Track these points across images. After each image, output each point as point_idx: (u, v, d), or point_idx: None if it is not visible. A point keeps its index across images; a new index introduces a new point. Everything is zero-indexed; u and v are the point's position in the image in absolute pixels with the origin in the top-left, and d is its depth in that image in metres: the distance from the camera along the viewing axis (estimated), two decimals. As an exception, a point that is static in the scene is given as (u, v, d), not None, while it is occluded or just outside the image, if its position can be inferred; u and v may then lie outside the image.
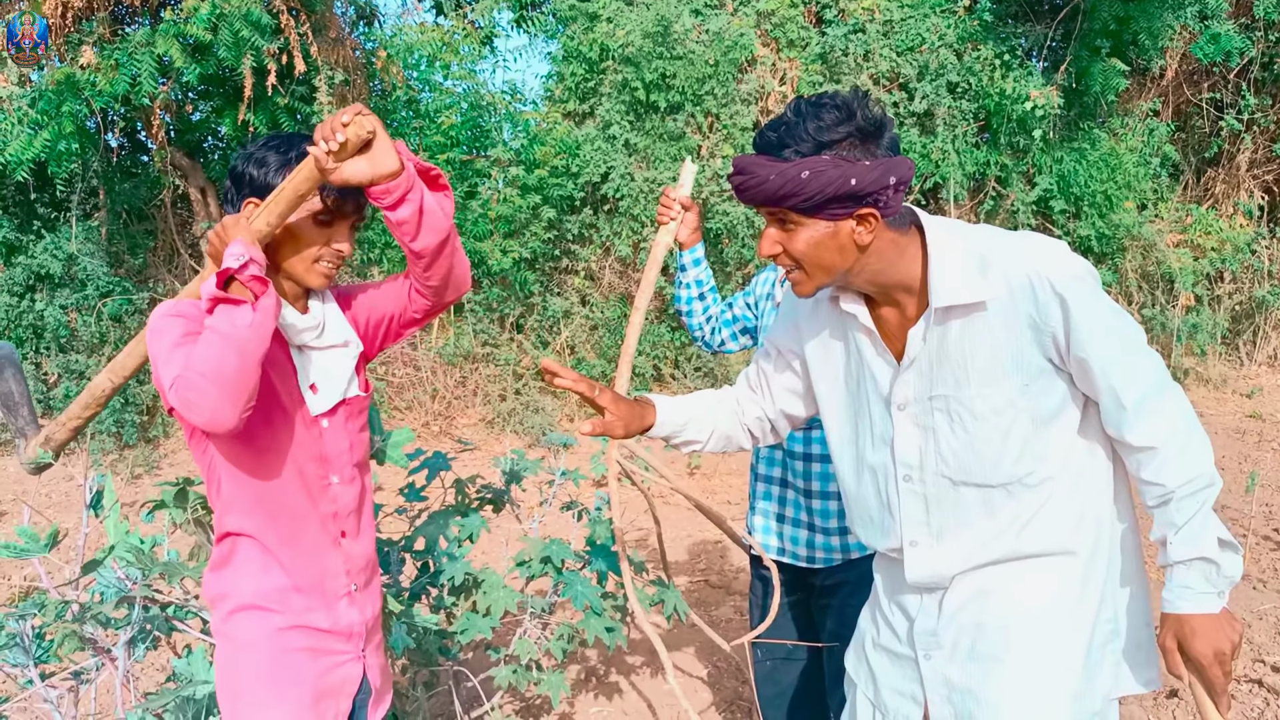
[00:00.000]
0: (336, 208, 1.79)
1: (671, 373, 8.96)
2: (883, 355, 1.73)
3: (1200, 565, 1.57)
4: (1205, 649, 1.55)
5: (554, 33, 9.68)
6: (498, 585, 2.64)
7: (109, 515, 2.18)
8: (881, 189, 1.54)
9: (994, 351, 1.62)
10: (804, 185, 1.53)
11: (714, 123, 8.84)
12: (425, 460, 2.77)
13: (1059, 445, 1.67)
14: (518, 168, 8.47)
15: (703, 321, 2.91)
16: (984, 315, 1.62)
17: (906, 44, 8.97)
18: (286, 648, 1.88)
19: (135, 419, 7.64)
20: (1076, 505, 1.69)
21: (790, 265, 1.67)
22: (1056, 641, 1.70)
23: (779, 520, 2.68)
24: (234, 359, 1.58)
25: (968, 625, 1.74)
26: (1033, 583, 1.71)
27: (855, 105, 1.55)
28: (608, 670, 3.95)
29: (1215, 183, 10.51)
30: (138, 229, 8.47)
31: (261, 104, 7.64)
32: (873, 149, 1.56)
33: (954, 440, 1.67)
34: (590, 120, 8.91)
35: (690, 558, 5.44)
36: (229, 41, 6.97)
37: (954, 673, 1.75)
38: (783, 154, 1.56)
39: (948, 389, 1.66)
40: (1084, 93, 9.15)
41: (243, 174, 1.80)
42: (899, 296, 1.69)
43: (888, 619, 1.88)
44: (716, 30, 8.53)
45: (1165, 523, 1.60)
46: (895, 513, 1.77)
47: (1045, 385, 1.64)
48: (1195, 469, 1.58)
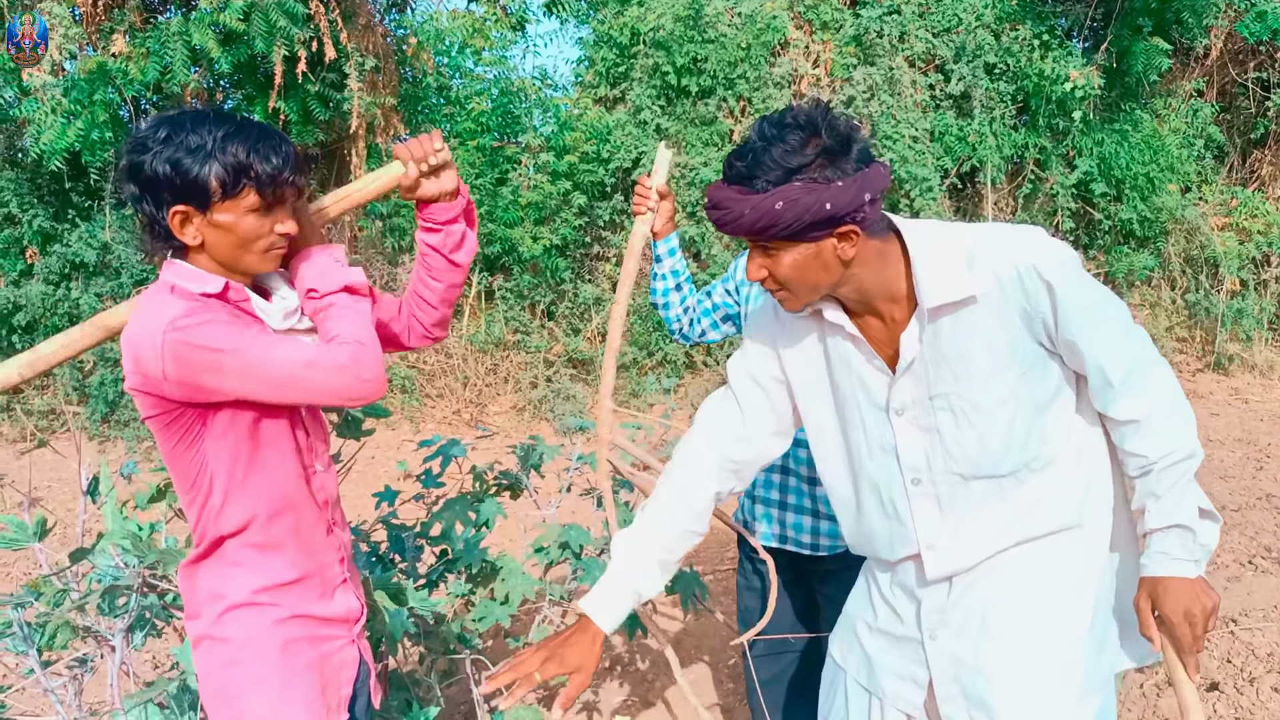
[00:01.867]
0: (275, 198, 1.67)
1: (704, 360, 8.90)
2: (872, 362, 1.70)
3: (1177, 532, 1.59)
4: (1175, 608, 1.57)
5: (585, 17, 9.62)
6: (516, 572, 2.60)
7: (106, 502, 2.16)
8: (859, 207, 1.52)
9: (990, 344, 1.62)
10: (779, 216, 1.51)
11: (746, 107, 8.74)
12: (440, 447, 2.73)
13: (1060, 426, 1.68)
14: (548, 154, 8.42)
15: (680, 313, 2.84)
16: (974, 310, 1.61)
17: (943, 25, 8.82)
18: (288, 639, 1.83)
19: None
20: (1081, 480, 1.71)
21: (776, 287, 1.65)
22: (1066, 615, 1.70)
23: (781, 508, 2.62)
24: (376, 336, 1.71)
25: (977, 604, 1.72)
26: (1042, 559, 1.71)
27: (819, 121, 1.52)
28: (631, 658, 3.91)
29: (1262, 164, 10.27)
30: (171, 217, 8.51)
31: (292, 91, 7.66)
32: (844, 165, 1.52)
33: (960, 436, 1.66)
34: (621, 105, 8.85)
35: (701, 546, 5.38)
36: (262, 30, 6.98)
37: (963, 651, 1.72)
38: (754, 185, 1.53)
39: (947, 386, 1.64)
40: (1125, 73, 8.95)
41: (156, 178, 1.61)
42: (882, 305, 1.67)
43: (889, 601, 1.83)
44: (749, 13, 8.43)
45: (1145, 492, 1.62)
46: (907, 520, 1.74)
47: (1041, 370, 1.65)
48: (1176, 441, 1.60)
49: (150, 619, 2.16)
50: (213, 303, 1.68)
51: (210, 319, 1.62)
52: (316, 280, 1.74)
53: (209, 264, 1.70)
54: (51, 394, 7.99)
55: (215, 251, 1.68)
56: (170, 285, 1.68)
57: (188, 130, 1.61)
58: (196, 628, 1.82)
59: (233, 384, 1.63)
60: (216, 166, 1.59)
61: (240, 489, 1.76)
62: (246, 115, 1.71)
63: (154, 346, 1.58)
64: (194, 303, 1.65)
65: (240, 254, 1.68)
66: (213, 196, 1.61)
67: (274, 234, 1.68)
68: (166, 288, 1.68)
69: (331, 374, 1.64)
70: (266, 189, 1.63)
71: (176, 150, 1.60)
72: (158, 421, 1.69)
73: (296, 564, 1.84)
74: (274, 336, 1.67)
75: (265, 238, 1.68)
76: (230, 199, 1.62)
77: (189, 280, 1.68)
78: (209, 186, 1.60)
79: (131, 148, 1.64)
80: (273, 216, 1.67)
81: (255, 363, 1.61)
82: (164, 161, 1.59)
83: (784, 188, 1.50)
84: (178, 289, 1.67)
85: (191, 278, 1.69)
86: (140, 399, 1.67)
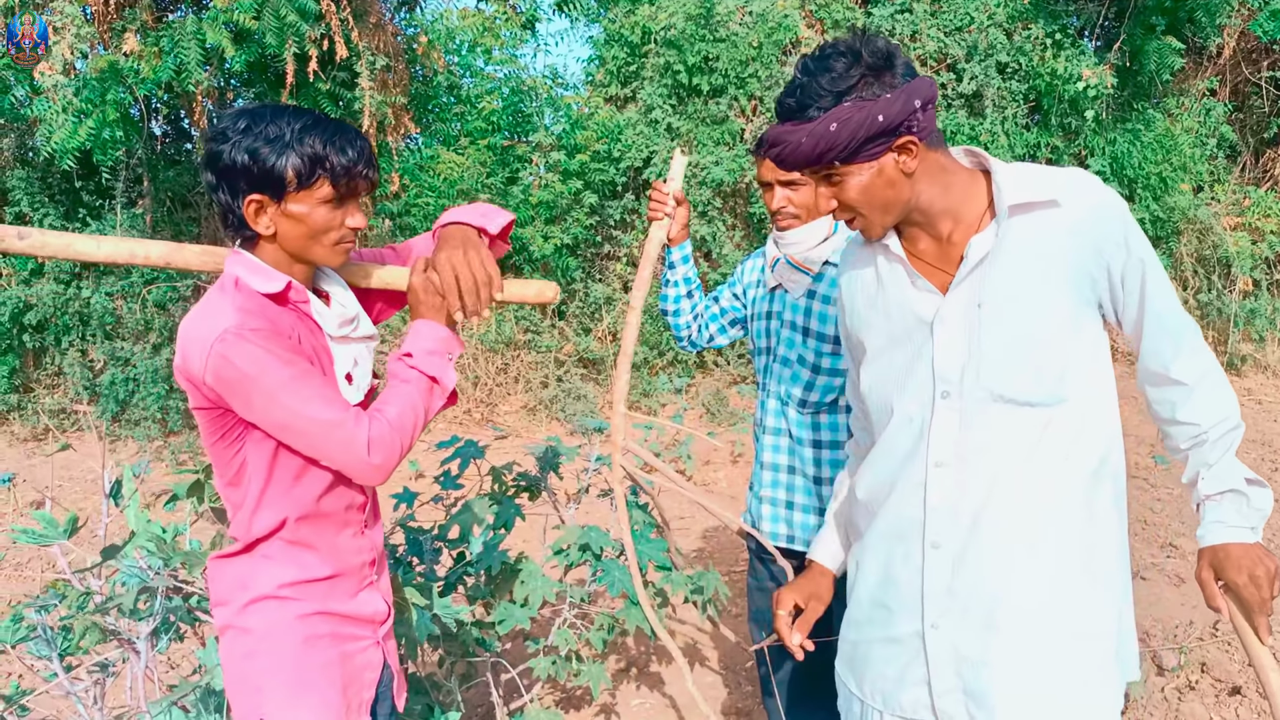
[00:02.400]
0: (349, 190, 1.72)
1: (715, 360, 8.88)
2: (917, 282, 1.70)
3: (1232, 497, 1.64)
4: (1239, 572, 1.60)
5: (595, 16, 9.60)
6: (536, 574, 2.58)
7: (129, 505, 2.14)
8: (910, 115, 1.55)
9: (1054, 259, 1.62)
10: (835, 137, 1.56)
11: (758, 106, 8.71)
12: (458, 449, 2.71)
13: (1090, 373, 1.67)
14: (559, 153, 8.40)
15: (690, 320, 2.85)
16: (1051, 218, 1.62)
17: (955, 24, 8.79)
18: (310, 634, 1.83)
19: (180, 405, 7.69)
20: (1097, 455, 1.66)
21: (849, 215, 1.68)
22: (1078, 614, 1.65)
23: (788, 508, 2.62)
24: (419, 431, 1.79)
25: (983, 594, 1.66)
26: (1052, 553, 1.64)
27: (859, 45, 1.57)
28: (648, 660, 3.89)
29: (1275, 164, 10.22)
30: (181, 216, 8.51)
31: (303, 90, 7.64)
32: (889, 80, 1.56)
33: (1000, 348, 1.63)
34: (632, 104, 8.83)
35: (703, 550, 5.36)
36: (274, 28, 6.96)
37: (966, 643, 1.67)
38: (806, 115, 1.58)
39: (997, 293, 1.63)
40: (1138, 72, 8.91)
41: (234, 166, 1.65)
42: (943, 224, 1.68)
43: (884, 602, 1.77)
44: (760, 11, 8.41)
45: (1199, 462, 1.67)
46: (924, 433, 1.70)
47: (1089, 312, 1.66)
48: (1227, 409, 1.66)
49: (175, 622, 2.14)
50: (271, 308, 1.70)
51: (260, 342, 1.63)
52: (420, 351, 1.80)
53: (277, 255, 1.74)
54: (62, 393, 7.99)
55: (286, 242, 1.72)
56: (235, 279, 1.71)
57: (267, 121, 1.66)
58: (222, 615, 1.84)
59: (254, 416, 1.67)
60: (293, 157, 1.64)
61: (277, 492, 1.76)
62: (322, 111, 1.74)
63: (201, 353, 1.63)
64: (252, 308, 1.66)
65: (311, 245, 1.72)
66: (288, 186, 1.66)
67: (344, 227, 1.73)
68: (231, 281, 1.71)
69: (346, 448, 1.68)
70: (340, 180, 1.68)
71: (255, 140, 1.65)
72: (203, 415, 1.73)
73: (325, 562, 1.85)
74: (314, 387, 1.67)
75: (336, 230, 1.72)
76: (305, 189, 1.67)
77: (253, 274, 1.71)
78: (285, 176, 1.65)
79: (212, 137, 1.69)
80: (344, 209, 1.72)
81: (281, 407, 1.64)
82: (243, 151, 1.64)
83: (835, 110, 1.55)
84: (241, 284, 1.70)
85: (256, 271, 1.72)
86: (187, 390, 1.71)
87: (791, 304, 2.57)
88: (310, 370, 1.69)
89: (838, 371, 2.50)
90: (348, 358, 1.84)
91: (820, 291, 2.51)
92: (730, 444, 7.36)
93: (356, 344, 1.86)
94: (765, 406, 2.64)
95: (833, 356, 2.49)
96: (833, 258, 2.51)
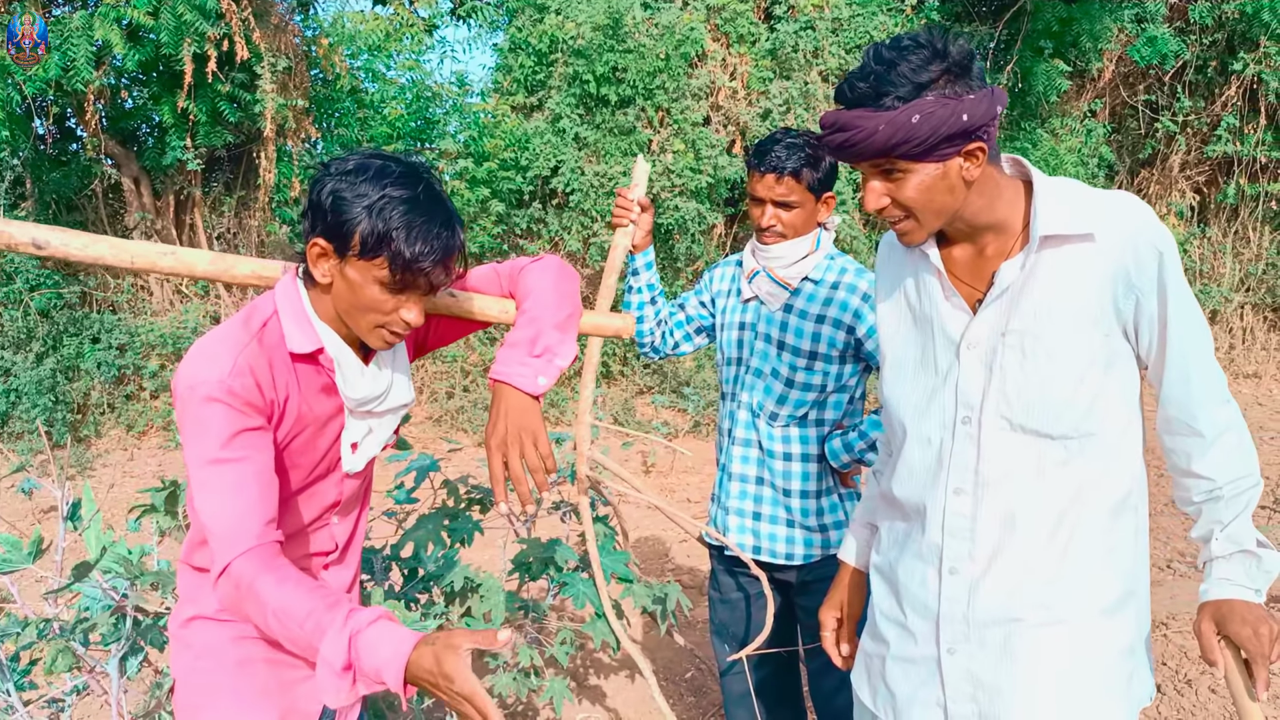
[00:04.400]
0: (405, 283, 1.56)
1: (620, 369, 8.89)
2: (951, 298, 1.66)
3: (1241, 558, 1.61)
4: (1244, 625, 1.57)
5: (498, 24, 9.53)
6: (496, 589, 2.54)
7: (89, 526, 2.03)
8: (991, 120, 1.50)
9: (1085, 292, 1.56)
10: (915, 130, 1.47)
11: (665, 117, 8.77)
12: (412, 462, 2.65)
13: (1118, 411, 1.62)
14: (466, 160, 8.31)
15: (653, 326, 2.83)
16: (1084, 251, 1.56)
17: (855, 41, 8.99)
18: (244, 658, 1.78)
19: (66, 417, 7.34)
20: (1122, 489, 1.64)
21: (900, 215, 1.60)
22: (1095, 640, 1.65)
23: (755, 519, 2.62)
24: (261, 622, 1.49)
25: (1001, 618, 1.65)
26: (1071, 581, 1.64)
27: (941, 41, 1.49)
28: (587, 673, 3.87)
29: (1149, 184, 10.73)
30: (68, 220, 8.13)
31: (201, 91, 7.40)
32: (970, 82, 1.50)
33: (1021, 379, 1.59)
34: (539, 113, 8.79)
35: (659, 558, 5.37)
36: (171, 26, 6.72)
37: (982, 669, 1.67)
38: (882, 103, 1.48)
39: (1025, 324, 1.59)
40: (1027, 93, 9.28)
41: (320, 205, 1.55)
42: (985, 236, 1.64)
43: (901, 622, 1.77)
44: (668, 24, 8.47)
45: (1212, 519, 1.63)
46: (945, 460, 1.68)
47: (1119, 345, 1.60)
48: (1247, 465, 1.62)
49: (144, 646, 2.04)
50: (283, 360, 1.62)
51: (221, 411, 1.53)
52: (363, 653, 1.40)
53: (328, 309, 1.64)
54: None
55: (337, 301, 1.61)
56: (273, 314, 1.63)
57: (370, 176, 1.54)
58: (172, 622, 1.80)
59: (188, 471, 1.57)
60: (366, 223, 1.52)
61: None
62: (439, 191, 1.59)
63: (180, 385, 1.55)
64: (253, 364, 1.57)
65: (354, 317, 1.60)
66: (351, 250, 1.54)
67: (395, 314, 1.59)
68: (263, 318, 1.63)
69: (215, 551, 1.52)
70: (398, 269, 1.54)
71: (348, 189, 1.53)
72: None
73: None
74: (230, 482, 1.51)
75: (384, 315, 1.59)
76: (365, 259, 1.54)
77: (294, 323, 1.63)
78: (351, 238, 1.53)
79: (324, 164, 1.59)
80: (401, 298, 1.58)
81: (194, 477, 1.53)
82: (329, 192, 1.54)
83: (917, 102, 1.46)
84: (269, 326, 1.62)
85: (299, 321, 1.63)
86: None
87: (767, 316, 2.58)
88: (247, 461, 1.54)
89: (810, 386, 2.52)
90: (360, 428, 1.76)
91: (797, 306, 2.53)
92: (642, 454, 7.38)
93: (382, 416, 1.77)
94: (735, 417, 2.64)
95: (806, 371, 2.51)
96: (812, 274, 2.53)
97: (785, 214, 2.48)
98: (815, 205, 2.50)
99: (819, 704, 2.72)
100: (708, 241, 9.06)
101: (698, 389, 8.29)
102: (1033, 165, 1.67)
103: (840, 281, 2.51)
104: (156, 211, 8.22)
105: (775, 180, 2.44)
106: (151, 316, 8.08)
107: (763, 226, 2.49)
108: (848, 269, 2.53)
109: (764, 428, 2.58)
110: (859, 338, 2.48)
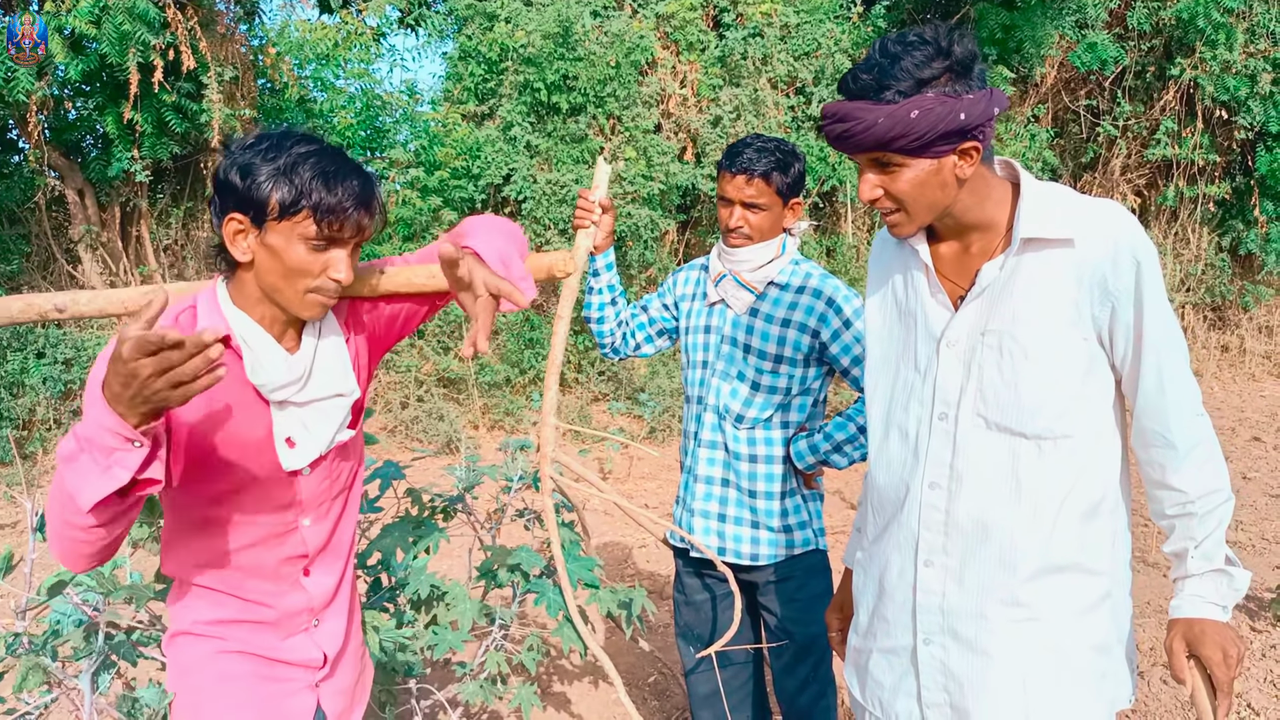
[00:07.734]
0: (333, 232, 1.55)
1: (575, 376, 8.89)
2: (936, 295, 1.70)
3: (1214, 576, 1.64)
4: (1215, 649, 1.61)
5: (447, 33, 9.50)
6: (463, 597, 2.54)
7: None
8: (988, 120, 1.53)
9: (1062, 296, 1.59)
10: (913, 125, 1.50)
11: (616, 125, 8.79)
12: (376, 470, 2.65)
13: (1095, 416, 1.65)
14: (417, 169, 8.27)
15: (614, 328, 2.85)
16: (1063, 256, 1.58)
17: (803, 49, 9.09)
18: (227, 673, 1.77)
19: (7, 433, 7.20)
20: (1096, 493, 1.66)
21: (892, 207, 1.63)
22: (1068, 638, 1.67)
23: (720, 520, 2.65)
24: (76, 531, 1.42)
25: (972, 616, 1.68)
26: (1043, 580, 1.66)
27: (944, 40, 1.52)
28: (550, 680, 3.86)
29: (1091, 187, 10.94)
30: (10, 232, 7.98)
31: (147, 101, 7.30)
32: (970, 81, 1.53)
33: (998, 378, 1.62)
34: (490, 121, 8.77)
35: (620, 563, 5.38)
36: (113, 35, 6.63)
37: (954, 662, 1.70)
38: (883, 96, 1.51)
39: (1003, 324, 1.62)
40: (972, 98, 9.39)
41: (227, 182, 1.53)
42: (972, 234, 1.67)
43: (883, 614, 1.81)
44: (617, 32, 8.50)
45: (1185, 535, 1.65)
46: (922, 454, 1.71)
47: (1097, 350, 1.62)
48: (1218, 480, 1.64)
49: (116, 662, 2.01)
50: None
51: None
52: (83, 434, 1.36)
53: (251, 292, 1.61)
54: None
55: (260, 275, 1.58)
56: (192, 306, 1.63)
57: (272, 143, 1.54)
58: (165, 637, 1.81)
59: None
60: (281, 182, 1.51)
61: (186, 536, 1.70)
62: (341, 148, 1.59)
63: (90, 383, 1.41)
64: None
65: (282, 286, 1.57)
66: (269, 214, 1.53)
67: (323, 276, 1.58)
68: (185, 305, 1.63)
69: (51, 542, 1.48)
70: (323, 219, 1.53)
71: (252, 158, 1.53)
72: None
73: (246, 610, 1.78)
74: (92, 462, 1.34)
75: (313, 277, 1.57)
76: (286, 220, 1.53)
77: (205, 308, 1.62)
78: (267, 201, 1.52)
79: (224, 152, 1.58)
80: (327, 255, 1.57)
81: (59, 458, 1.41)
82: (235, 166, 1.53)
83: (917, 97, 1.50)
84: (182, 317, 1.62)
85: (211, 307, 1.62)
86: None
87: (733, 319, 2.61)
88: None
89: (775, 389, 2.55)
90: (293, 422, 1.69)
91: (763, 310, 2.56)
92: (599, 461, 7.39)
93: (303, 408, 1.69)
94: (700, 420, 2.66)
95: (771, 374, 2.54)
96: (778, 278, 2.56)
97: (753, 216, 2.51)
98: (783, 210, 2.54)
99: (784, 703, 2.75)
100: (660, 248, 9.09)
101: (653, 395, 8.32)
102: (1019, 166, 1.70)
103: (805, 286, 2.55)
104: (102, 224, 8.09)
105: (745, 181, 2.48)
106: (98, 330, 7.95)
107: (730, 227, 2.53)
108: (813, 274, 2.57)
109: (730, 430, 2.61)
110: (823, 341, 2.52)
